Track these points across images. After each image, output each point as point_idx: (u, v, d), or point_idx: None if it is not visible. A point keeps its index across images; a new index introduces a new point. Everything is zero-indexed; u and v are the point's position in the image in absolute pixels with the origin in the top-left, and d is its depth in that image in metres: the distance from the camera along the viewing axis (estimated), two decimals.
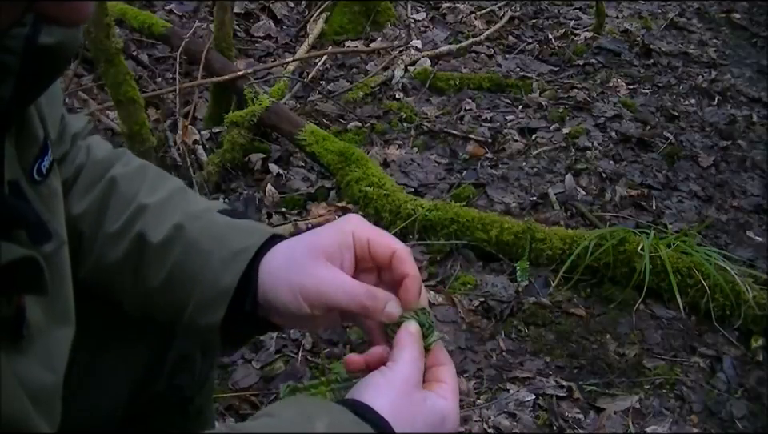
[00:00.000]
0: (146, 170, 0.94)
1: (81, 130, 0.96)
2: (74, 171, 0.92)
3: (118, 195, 0.90)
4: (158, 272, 0.86)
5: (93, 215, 0.90)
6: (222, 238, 0.85)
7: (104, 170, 0.93)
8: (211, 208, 0.90)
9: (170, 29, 3.05)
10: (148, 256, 0.87)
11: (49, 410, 0.72)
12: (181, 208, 0.89)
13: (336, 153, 2.42)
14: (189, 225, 0.86)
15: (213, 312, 0.82)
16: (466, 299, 2.03)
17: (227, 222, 0.87)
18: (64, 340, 0.76)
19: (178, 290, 0.85)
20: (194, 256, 0.84)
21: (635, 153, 2.79)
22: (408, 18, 3.75)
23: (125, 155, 0.97)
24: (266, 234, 0.85)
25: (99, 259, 0.90)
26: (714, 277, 1.98)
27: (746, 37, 3.97)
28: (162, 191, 0.91)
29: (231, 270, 0.82)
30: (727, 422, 1.76)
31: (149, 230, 0.87)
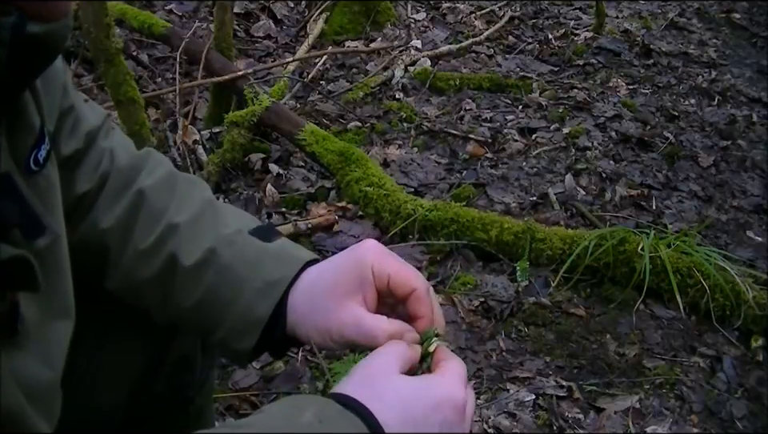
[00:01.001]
0: (173, 181, 0.93)
1: (98, 127, 0.93)
2: (98, 180, 0.91)
3: (147, 210, 0.90)
4: (190, 295, 0.87)
5: (121, 230, 0.89)
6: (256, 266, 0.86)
7: (130, 179, 0.92)
8: (242, 229, 0.89)
9: (170, 29, 3.05)
10: (180, 278, 0.87)
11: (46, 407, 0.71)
12: (213, 229, 0.88)
13: (336, 153, 2.42)
14: (222, 250, 0.86)
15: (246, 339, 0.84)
16: (465, 299, 2.03)
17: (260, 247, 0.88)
18: (62, 335, 0.76)
19: (209, 313, 0.86)
20: (228, 283, 0.85)
21: (635, 153, 2.79)
22: (408, 18, 3.75)
23: (150, 160, 0.95)
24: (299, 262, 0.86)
25: (128, 274, 0.90)
26: (714, 277, 1.98)
27: (745, 37, 3.97)
28: (192, 207, 0.90)
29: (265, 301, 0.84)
30: (727, 422, 1.76)
31: (181, 251, 0.87)
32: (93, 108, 0.95)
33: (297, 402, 0.73)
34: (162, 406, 1.06)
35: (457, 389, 0.75)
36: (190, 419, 1.10)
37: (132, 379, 1.00)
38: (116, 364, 0.98)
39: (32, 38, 0.62)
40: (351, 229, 2.27)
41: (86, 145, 0.91)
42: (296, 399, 0.75)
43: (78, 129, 0.90)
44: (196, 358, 1.07)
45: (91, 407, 0.95)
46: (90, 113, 0.93)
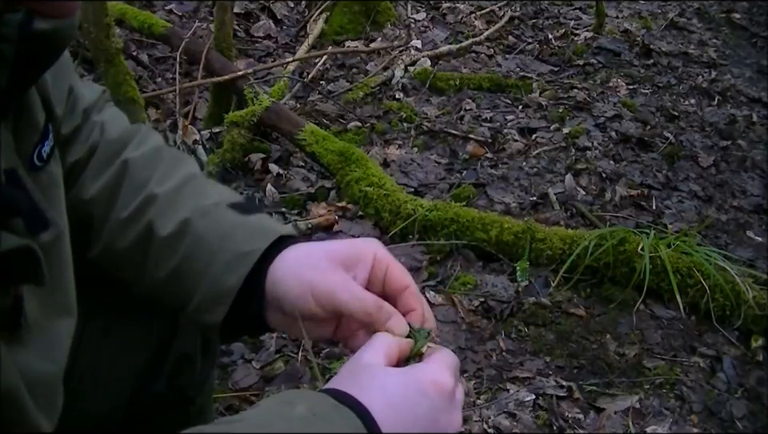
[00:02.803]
0: (160, 154, 0.93)
1: (94, 102, 0.94)
2: (87, 151, 0.91)
3: (130, 181, 0.90)
4: (165, 265, 0.86)
5: (104, 199, 0.90)
6: (229, 237, 0.85)
7: (117, 151, 0.92)
8: (222, 202, 0.89)
9: (170, 29, 3.05)
10: (155, 248, 0.87)
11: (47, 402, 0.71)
12: (191, 201, 0.88)
13: (336, 153, 2.42)
14: (197, 221, 0.86)
15: (215, 311, 0.83)
16: (465, 299, 2.03)
17: (236, 220, 0.87)
18: (65, 331, 0.76)
19: (183, 284, 0.85)
20: (200, 254, 0.84)
21: (635, 153, 2.79)
22: (408, 18, 3.75)
23: (139, 134, 0.95)
24: (274, 234, 0.85)
25: (109, 243, 0.90)
26: (714, 277, 1.98)
27: (745, 37, 3.97)
28: (174, 179, 0.90)
29: (236, 272, 0.82)
30: (727, 422, 1.76)
31: (157, 221, 0.87)
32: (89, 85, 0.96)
33: (289, 397, 0.73)
34: (162, 406, 1.06)
35: (442, 374, 0.74)
36: (190, 419, 1.10)
37: (133, 379, 1.00)
38: (117, 365, 0.99)
39: (39, 34, 0.62)
40: (351, 229, 2.27)
41: (82, 120, 0.92)
42: (288, 394, 0.75)
43: (77, 107, 0.91)
44: (196, 358, 1.07)
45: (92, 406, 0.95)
46: (87, 90, 0.94)
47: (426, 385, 0.72)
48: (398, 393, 0.71)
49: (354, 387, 0.71)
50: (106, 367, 0.97)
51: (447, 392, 0.73)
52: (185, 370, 1.05)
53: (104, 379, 0.97)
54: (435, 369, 0.74)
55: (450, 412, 0.73)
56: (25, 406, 0.66)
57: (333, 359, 1.83)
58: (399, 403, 0.70)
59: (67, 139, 0.89)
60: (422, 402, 0.71)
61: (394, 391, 0.71)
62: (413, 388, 0.72)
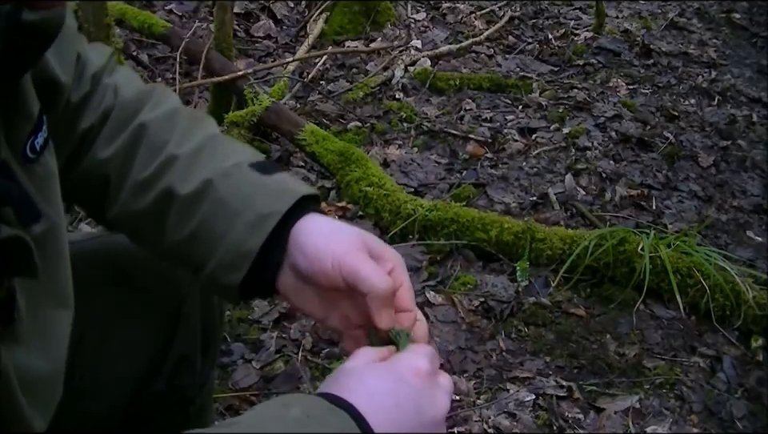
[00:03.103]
0: (176, 116, 0.92)
1: (102, 66, 0.93)
2: (100, 116, 0.90)
3: (148, 142, 0.89)
4: (184, 226, 0.85)
5: (120, 161, 0.89)
6: (250, 199, 0.84)
7: (133, 113, 0.91)
8: (242, 163, 0.87)
9: (170, 29, 3.05)
10: (175, 209, 0.86)
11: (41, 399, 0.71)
12: (211, 161, 0.87)
13: (336, 153, 2.42)
14: (218, 181, 0.85)
15: (234, 273, 0.83)
16: (465, 299, 2.03)
17: (257, 181, 0.86)
18: (61, 324, 0.76)
19: (201, 246, 0.85)
20: (221, 215, 0.84)
21: (635, 153, 2.79)
22: (408, 18, 3.75)
23: (154, 95, 0.94)
24: (294, 196, 0.84)
25: (125, 205, 0.89)
26: (714, 277, 1.98)
27: (746, 37, 3.97)
28: (193, 141, 0.89)
29: (256, 233, 0.82)
30: (727, 422, 1.76)
31: (177, 182, 0.86)
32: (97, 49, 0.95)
33: (284, 400, 0.73)
34: (162, 406, 1.06)
35: (417, 360, 0.74)
36: (190, 419, 1.10)
37: (133, 379, 1.00)
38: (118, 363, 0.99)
39: (27, 26, 0.61)
40: None
41: (92, 86, 0.91)
42: (284, 398, 0.75)
43: (85, 73, 0.90)
44: (196, 358, 1.07)
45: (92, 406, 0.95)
46: (95, 55, 0.93)
47: (402, 373, 0.72)
48: (378, 385, 0.71)
49: (339, 389, 0.71)
50: (106, 367, 0.97)
51: (425, 376, 0.73)
52: (185, 370, 1.05)
53: (104, 379, 0.97)
54: (410, 356, 0.75)
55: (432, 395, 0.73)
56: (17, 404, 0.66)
57: (333, 359, 1.83)
58: (380, 396, 0.70)
59: (78, 106, 0.89)
60: (402, 389, 0.71)
61: (374, 385, 0.71)
62: (391, 378, 0.72)
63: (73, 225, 2.17)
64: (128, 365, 1.00)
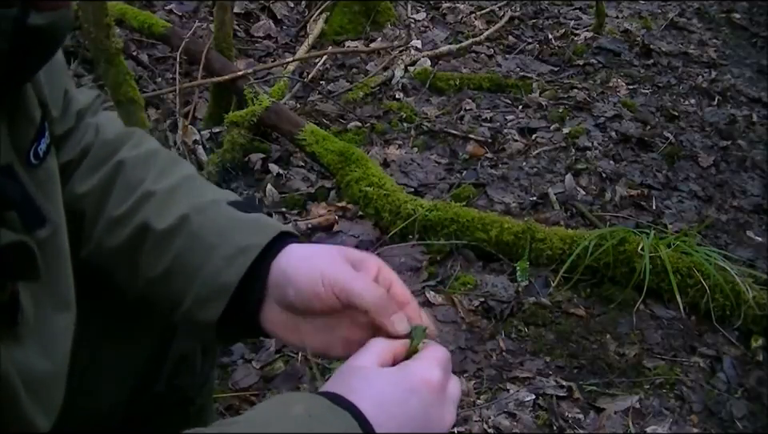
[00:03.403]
0: (156, 155, 0.92)
1: (88, 105, 0.94)
2: (80, 151, 0.91)
3: (125, 179, 0.89)
4: (159, 262, 0.85)
5: (96, 197, 0.89)
6: (228, 233, 0.83)
7: (112, 151, 0.91)
8: (219, 200, 0.88)
9: (170, 29, 3.05)
10: (150, 245, 0.85)
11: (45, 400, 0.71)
12: (188, 198, 0.87)
13: (336, 153, 2.42)
14: (194, 216, 0.85)
15: (211, 308, 0.82)
16: (465, 299, 2.03)
17: (234, 216, 0.86)
18: (63, 327, 0.76)
19: (178, 282, 0.84)
20: (197, 249, 0.83)
21: (635, 153, 2.79)
22: (408, 18, 3.75)
23: (135, 136, 0.95)
24: (275, 231, 0.84)
25: (100, 242, 0.89)
26: (714, 277, 1.98)
27: (746, 37, 3.97)
28: (171, 178, 0.89)
29: (234, 267, 0.81)
30: (727, 422, 1.76)
31: (153, 218, 0.86)
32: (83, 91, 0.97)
33: (286, 398, 0.73)
34: (162, 406, 1.06)
35: (431, 370, 0.73)
36: (190, 419, 1.10)
37: (132, 379, 1.00)
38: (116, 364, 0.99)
39: (34, 29, 0.62)
40: (351, 229, 2.27)
41: (75, 123, 0.92)
42: (285, 396, 0.75)
43: (70, 109, 0.91)
44: (196, 358, 1.07)
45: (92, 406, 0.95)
46: (81, 94, 0.94)
47: (414, 382, 0.72)
48: (387, 392, 0.71)
49: (344, 390, 0.71)
50: (106, 367, 0.97)
51: (436, 388, 0.72)
52: (185, 370, 1.05)
53: (104, 378, 0.97)
54: (424, 366, 0.74)
55: (441, 407, 0.73)
56: (21, 404, 0.66)
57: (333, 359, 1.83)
58: (389, 403, 0.70)
59: (59, 141, 0.89)
60: (412, 399, 0.71)
61: (383, 391, 0.71)
62: (401, 386, 0.71)
63: None
64: (128, 365, 1.00)
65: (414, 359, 0.76)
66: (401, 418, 0.70)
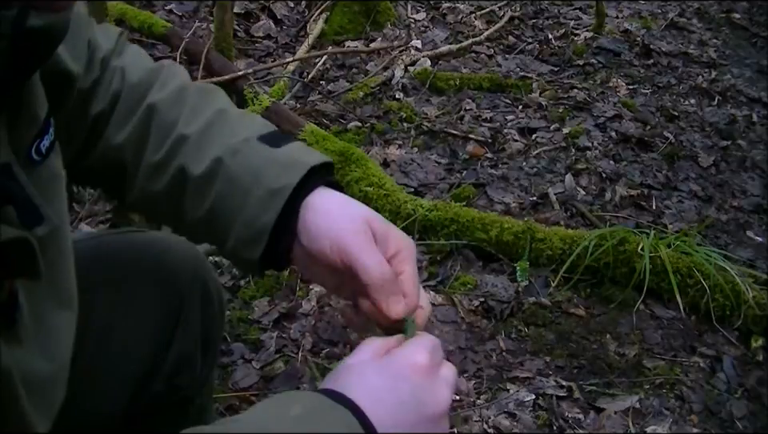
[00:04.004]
0: (185, 93, 0.93)
1: (111, 49, 0.94)
2: (110, 99, 0.92)
3: (158, 124, 0.90)
4: (200, 205, 0.87)
5: (134, 145, 0.90)
6: (260, 174, 0.85)
7: (141, 95, 0.92)
8: (251, 136, 0.88)
9: (170, 29, 3.05)
10: (190, 189, 0.88)
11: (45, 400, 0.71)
12: (221, 138, 0.88)
13: (336, 153, 2.42)
14: (228, 159, 0.86)
15: (252, 249, 0.84)
16: (465, 299, 2.03)
17: (266, 155, 0.87)
18: (64, 326, 0.76)
19: (220, 223, 0.86)
20: (234, 192, 0.85)
21: (635, 153, 2.79)
22: (408, 18, 3.75)
23: (162, 74, 0.95)
24: (304, 167, 0.85)
25: (143, 188, 0.90)
26: (714, 277, 1.98)
27: (745, 37, 3.97)
28: (202, 118, 0.90)
29: (269, 209, 0.83)
30: (727, 422, 1.76)
31: (189, 163, 0.87)
32: (106, 31, 0.96)
33: (286, 397, 0.73)
34: (162, 406, 1.06)
35: (418, 354, 0.73)
36: (189, 419, 1.10)
37: (133, 379, 1.00)
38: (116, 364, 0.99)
39: (33, 30, 0.62)
40: None
41: (101, 71, 0.92)
42: (285, 395, 0.75)
43: (95, 59, 0.91)
44: (196, 358, 1.07)
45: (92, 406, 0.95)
46: (103, 38, 0.94)
47: (403, 369, 0.72)
48: (378, 382, 0.71)
49: (338, 387, 0.71)
50: (106, 367, 0.97)
51: (426, 371, 0.72)
52: (185, 370, 1.05)
53: (104, 379, 0.97)
54: (411, 351, 0.74)
55: (433, 390, 0.72)
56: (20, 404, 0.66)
57: (333, 359, 1.83)
58: (380, 392, 0.70)
59: (88, 92, 0.90)
60: (403, 386, 0.71)
61: (374, 382, 0.71)
62: (391, 375, 0.71)
63: (73, 225, 2.17)
64: (128, 365, 1.00)
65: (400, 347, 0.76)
66: (396, 406, 0.70)
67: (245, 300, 2.01)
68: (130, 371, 1.00)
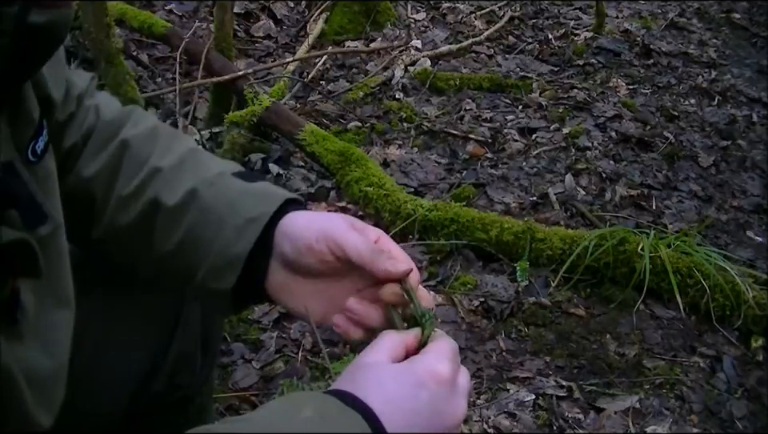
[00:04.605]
0: (157, 132, 0.94)
1: (86, 88, 0.95)
2: (83, 134, 0.92)
3: (131, 158, 0.91)
4: (171, 237, 0.87)
5: (105, 178, 0.90)
6: (236, 204, 0.85)
7: (114, 131, 0.93)
8: (225, 172, 0.89)
9: (170, 29, 3.05)
10: (161, 221, 0.87)
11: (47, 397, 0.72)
12: (195, 172, 0.89)
13: (336, 153, 2.42)
14: (203, 190, 0.87)
15: (225, 278, 0.84)
16: (465, 299, 2.03)
17: (241, 187, 0.88)
18: (64, 324, 0.76)
19: (190, 255, 0.86)
20: (208, 222, 0.85)
21: (635, 153, 2.79)
22: (408, 18, 3.75)
23: (134, 114, 0.96)
24: (280, 199, 0.86)
25: (112, 221, 0.90)
26: (714, 277, 1.98)
27: (745, 37, 3.97)
28: (176, 153, 0.91)
29: (245, 237, 0.83)
30: (727, 422, 1.76)
31: (163, 194, 0.87)
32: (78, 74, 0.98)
33: (296, 398, 0.73)
34: (162, 406, 1.06)
35: (439, 363, 0.73)
36: (190, 419, 1.10)
37: (133, 379, 1.00)
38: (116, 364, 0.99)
39: (34, 27, 0.62)
40: None
41: (76, 107, 0.93)
42: (295, 396, 0.75)
43: (71, 93, 0.92)
44: (196, 358, 1.07)
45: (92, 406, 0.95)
46: (78, 78, 0.95)
47: (423, 377, 0.71)
48: (396, 389, 0.71)
49: (353, 388, 0.71)
50: (107, 367, 0.97)
51: (446, 381, 0.72)
52: (185, 370, 1.05)
53: (104, 378, 0.97)
54: (432, 359, 0.74)
55: (451, 401, 0.72)
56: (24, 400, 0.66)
57: (333, 359, 1.83)
58: (398, 399, 0.70)
59: (63, 125, 0.90)
60: (421, 394, 0.71)
61: (392, 388, 0.71)
62: (410, 382, 0.71)
63: None
64: (128, 364, 1.00)
65: (421, 353, 0.75)
66: (412, 414, 0.70)
67: None
68: (130, 370, 1.00)
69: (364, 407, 0.69)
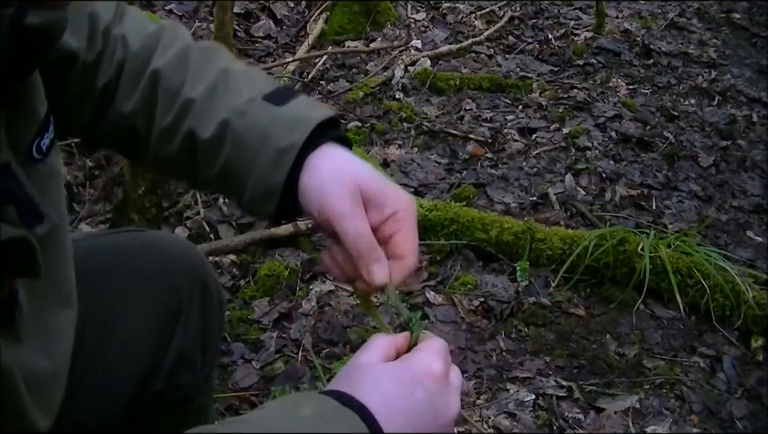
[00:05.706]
0: (187, 56, 0.93)
1: (111, 19, 0.94)
2: (115, 69, 0.92)
3: (164, 89, 0.91)
4: (212, 166, 0.89)
5: (143, 112, 0.91)
6: (267, 134, 0.86)
7: (145, 61, 0.92)
8: (256, 96, 0.89)
9: None
10: (201, 152, 0.89)
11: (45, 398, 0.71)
12: (226, 101, 0.89)
13: None
14: (234, 121, 0.87)
15: (267, 204, 0.86)
16: (465, 299, 2.03)
17: (271, 113, 0.88)
18: (64, 324, 0.76)
19: (233, 181, 0.88)
20: (243, 154, 0.86)
21: (635, 153, 2.79)
22: (408, 18, 3.75)
23: (163, 38, 0.95)
24: (310, 124, 0.86)
25: (157, 151, 0.92)
26: (714, 277, 1.98)
27: (745, 37, 3.97)
28: (207, 80, 0.91)
29: (278, 169, 0.84)
30: (727, 422, 1.76)
31: (197, 127, 0.88)
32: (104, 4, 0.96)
33: (295, 398, 0.74)
34: (162, 405, 1.06)
35: (432, 361, 0.74)
36: (190, 419, 1.10)
37: (133, 378, 1.00)
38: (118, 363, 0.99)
39: (31, 29, 0.62)
40: None
41: (104, 43, 0.92)
42: (294, 396, 0.76)
43: (97, 31, 0.92)
44: (196, 357, 1.07)
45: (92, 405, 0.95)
46: (103, 8, 0.94)
47: (418, 375, 0.72)
48: (393, 388, 0.71)
49: (351, 388, 0.71)
50: (107, 366, 0.97)
51: (439, 377, 0.73)
52: (184, 369, 1.05)
53: (104, 378, 0.97)
54: (425, 357, 0.75)
55: (445, 396, 0.73)
56: (22, 402, 0.66)
57: (333, 359, 1.83)
58: (395, 398, 0.71)
59: (93, 64, 0.91)
60: (417, 392, 0.72)
61: (389, 387, 0.71)
62: (406, 380, 0.72)
63: (73, 225, 2.17)
64: (128, 364, 1.00)
65: (413, 351, 0.76)
66: (408, 412, 0.71)
67: (245, 300, 2.01)
68: (130, 370, 1.00)
69: (361, 406, 0.69)
